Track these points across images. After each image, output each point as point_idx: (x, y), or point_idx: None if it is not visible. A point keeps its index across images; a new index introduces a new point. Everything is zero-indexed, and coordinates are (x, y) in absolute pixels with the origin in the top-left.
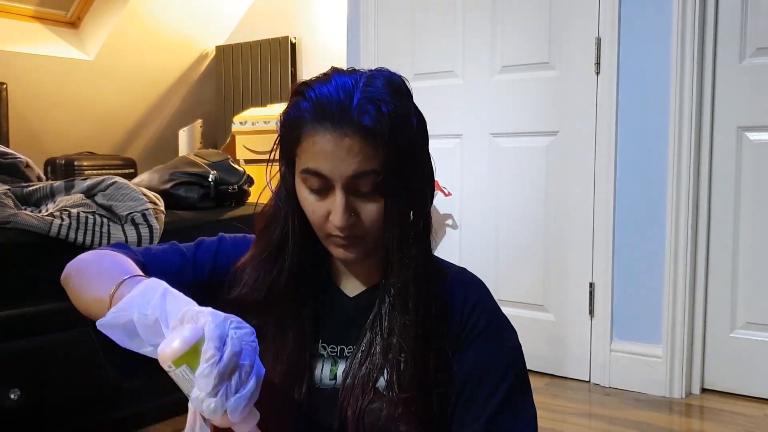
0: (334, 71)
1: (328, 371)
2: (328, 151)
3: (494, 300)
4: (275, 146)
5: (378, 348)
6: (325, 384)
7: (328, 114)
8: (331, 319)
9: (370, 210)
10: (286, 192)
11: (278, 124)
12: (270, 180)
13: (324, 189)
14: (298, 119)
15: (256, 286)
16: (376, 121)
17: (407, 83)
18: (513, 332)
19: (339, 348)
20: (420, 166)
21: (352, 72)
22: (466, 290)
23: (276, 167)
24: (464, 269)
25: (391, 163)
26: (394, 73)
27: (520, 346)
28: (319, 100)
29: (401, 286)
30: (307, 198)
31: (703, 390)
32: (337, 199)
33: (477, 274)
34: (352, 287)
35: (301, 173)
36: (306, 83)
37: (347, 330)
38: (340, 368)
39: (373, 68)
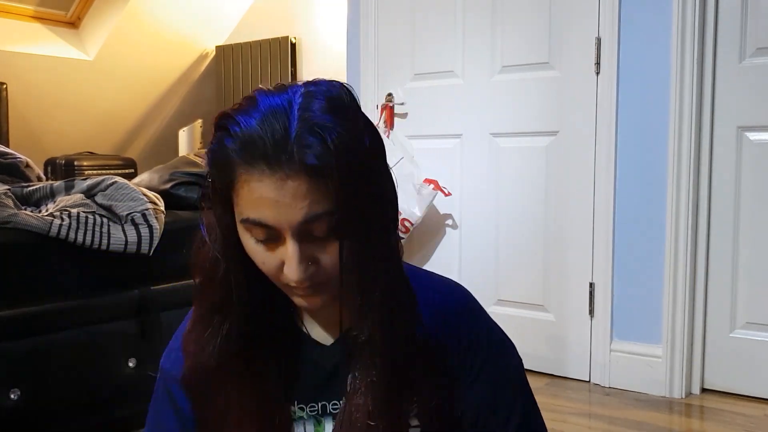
0: (258, 93)
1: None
2: (269, 198)
3: (487, 317)
4: (206, 187)
5: (366, 403)
6: None
7: (260, 154)
8: (306, 373)
9: (329, 254)
10: (224, 240)
11: (205, 164)
12: (204, 225)
13: (272, 239)
14: (227, 162)
15: (207, 353)
16: (321, 156)
17: (351, 92)
18: (512, 348)
19: (320, 405)
20: (378, 191)
21: (282, 91)
22: (458, 320)
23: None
24: (449, 288)
25: (346, 200)
26: (333, 86)
27: (521, 362)
28: (246, 136)
29: (365, 339)
30: (253, 249)
31: (703, 390)
32: (289, 251)
33: (477, 275)
34: (325, 334)
35: (242, 222)
36: (227, 114)
37: (328, 384)
38: (328, 428)
39: (304, 82)
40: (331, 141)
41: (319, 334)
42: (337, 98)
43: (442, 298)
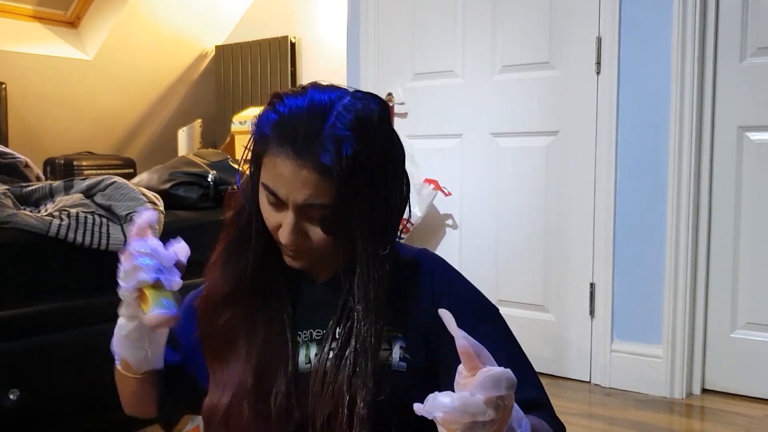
0: (312, 87)
1: (303, 356)
2: (285, 176)
3: (461, 274)
4: (249, 145)
5: (346, 332)
6: (302, 368)
7: (291, 138)
8: (301, 305)
9: (317, 233)
10: (252, 191)
11: (252, 124)
12: (240, 178)
13: (279, 204)
14: (265, 136)
15: (225, 280)
16: (334, 161)
17: (384, 113)
18: (485, 298)
19: (309, 332)
20: (380, 203)
21: (332, 90)
22: (432, 268)
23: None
24: (426, 250)
25: (340, 204)
26: (372, 104)
27: (495, 309)
28: (287, 121)
29: (364, 315)
30: (264, 205)
31: (704, 390)
32: (287, 219)
33: (477, 275)
34: (317, 275)
35: (262, 185)
36: (280, 95)
37: (316, 315)
38: (312, 352)
39: (356, 91)
40: (346, 153)
41: (312, 273)
42: (366, 119)
43: (418, 253)
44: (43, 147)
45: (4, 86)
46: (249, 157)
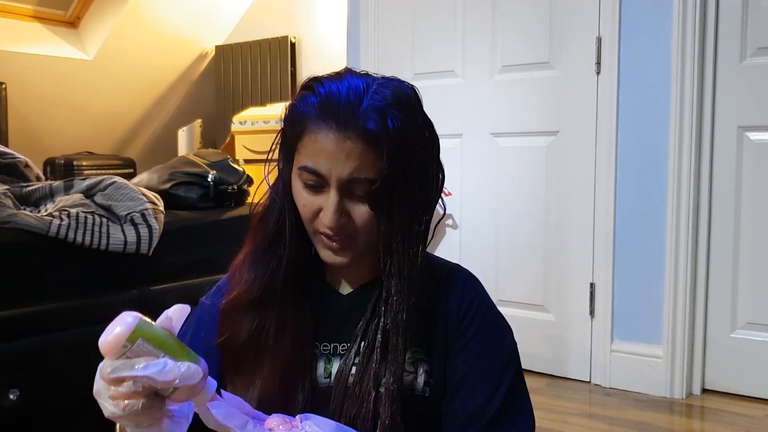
0: (347, 71)
1: (323, 369)
2: (328, 150)
3: (489, 298)
4: (277, 140)
5: (371, 348)
6: (321, 383)
7: (334, 113)
8: (324, 317)
9: (361, 212)
10: (283, 186)
11: (282, 117)
12: (268, 174)
13: (319, 186)
14: (304, 114)
15: (254, 283)
16: (380, 129)
17: (417, 93)
18: (507, 330)
19: (332, 345)
20: (421, 179)
21: (365, 75)
22: (463, 287)
23: (273, 164)
24: (458, 266)
25: (388, 176)
26: (405, 84)
27: (514, 344)
28: (328, 97)
29: (394, 289)
30: (300, 192)
31: (704, 390)
32: (330, 199)
33: (477, 275)
34: (345, 285)
35: (299, 169)
36: (317, 78)
37: (341, 328)
38: (335, 366)
39: (385, 75)
40: (390, 123)
41: (339, 284)
42: (403, 94)
43: (452, 270)
44: (43, 147)
45: (4, 86)
46: (276, 154)
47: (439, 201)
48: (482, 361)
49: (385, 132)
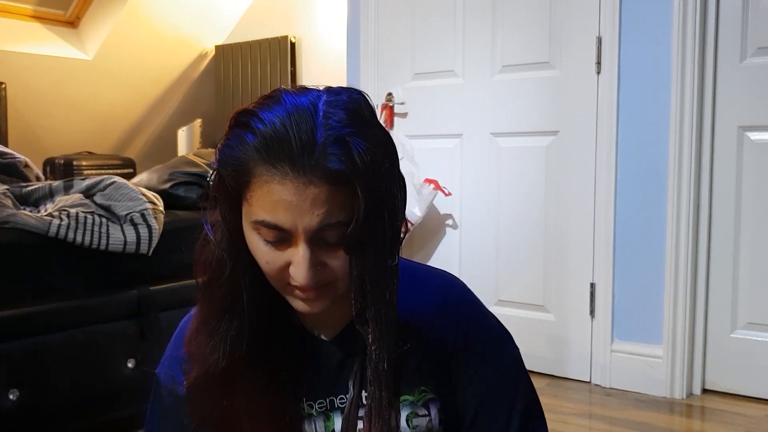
0: (283, 92)
1: (323, 429)
2: (288, 201)
3: (482, 308)
4: (213, 185)
5: (367, 399)
6: None
7: (286, 155)
8: (311, 370)
9: (337, 260)
10: (230, 239)
11: (215, 161)
12: (209, 223)
13: (282, 240)
14: (245, 160)
15: (214, 355)
16: (347, 165)
17: (367, 101)
18: (508, 339)
19: (328, 400)
20: (391, 203)
21: (305, 93)
22: (457, 314)
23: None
24: (445, 282)
25: (364, 213)
26: (354, 94)
27: (517, 352)
28: (272, 135)
29: (372, 337)
30: (259, 248)
31: (704, 390)
32: (301, 253)
33: (477, 275)
34: (326, 330)
35: (254, 223)
36: (248, 111)
37: (334, 379)
38: (337, 423)
39: (328, 87)
40: (357, 153)
41: (318, 328)
42: (357, 111)
43: (441, 296)
44: (42, 147)
45: (3, 86)
46: (216, 199)
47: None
48: (493, 387)
49: (354, 168)
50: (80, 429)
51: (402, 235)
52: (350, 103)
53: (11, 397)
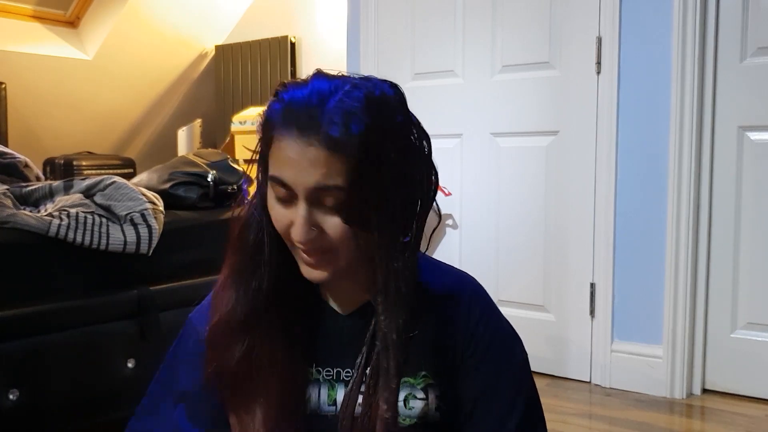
0: (317, 74)
1: (326, 396)
2: (292, 158)
3: (497, 310)
4: (257, 148)
5: (374, 374)
6: (325, 410)
7: (295, 118)
8: (324, 339)
9: (334, 225)
10: (261, 198)
11: (258, 124)
12: (247, 186)
13: (289, 198)
14: (270, 121)
15: (237, 305)
16: (343, 135)
17: (398, 92)
18: (518, 343)
19: (335, 371)
20: (403, 186)
21: (336, 77)
22: (470, 303)
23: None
24: (464, 275)
25: (355, 185)
26: (381, 85)
27: (526, 358)
28: (290, 103)
29: (381, 308)
30: (273, 206)
31: (704, 390)
32: (299, 211)
33: (477, 275)
34: (343, 304)
35: (270, 180)
36: (283, 84)
37: (343, 351)
38: (339, 394)
39: (362, 76)
40: (355, 125)
41: (336, 301)
42: (376, 96)
43: (457, 284)
44: (42, 147)
45: (4, 86)
46: (257, 165)
47: (434, 206)
48: (494, 384)
49: (348, 139)
50: (80, 429)
51: (436, 212)
52: (373, 88)
53: (11, 397)
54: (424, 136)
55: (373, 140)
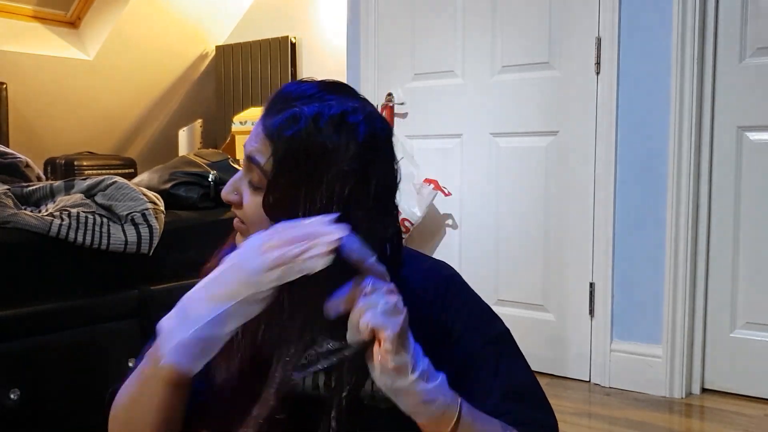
0: (323, 82)
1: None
2: (251, 131)
3: (470, 289)
4: None
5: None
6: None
7: (272, 99)
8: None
9: (250, 200)
10: None
11: None
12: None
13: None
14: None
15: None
16: (275, 128)
17: (381, 130)
18: (493, 317)
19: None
20: (324, 190)
21: (351, 98)
22: (447, 285)
23: None
24: (439, 263)
25: (273, 178)
26: (376, 121)
27: (504, 332)
28: (284, 87)
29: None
30: None
31: (704, 390)
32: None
33: (477, 275)
34: None
35: None
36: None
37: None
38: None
39: (370, 105)
40: (293, 129)
41: None
42: (346, 121)
43: (434, 268)
44: (43, 147)
45: (4, 86)
46: None
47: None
48: (476, 351)
49: (277, 134)
50: (81, 429)
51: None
52: (350, 115)
53: (12, 396)
54: (387, 178)
55: (291, 146)
